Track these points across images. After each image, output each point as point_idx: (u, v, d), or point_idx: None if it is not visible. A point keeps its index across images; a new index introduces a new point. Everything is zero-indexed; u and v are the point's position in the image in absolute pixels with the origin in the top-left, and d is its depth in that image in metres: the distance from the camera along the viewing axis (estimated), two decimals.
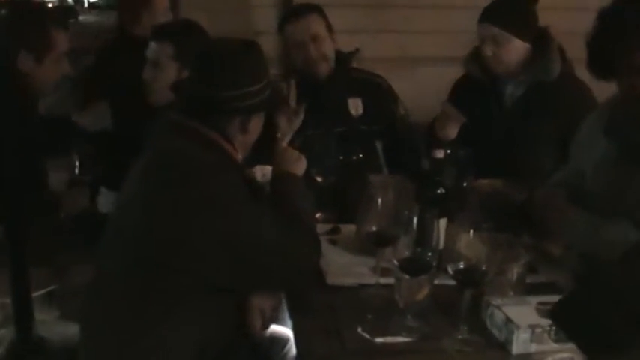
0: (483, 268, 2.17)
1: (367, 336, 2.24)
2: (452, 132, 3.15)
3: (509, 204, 2.79)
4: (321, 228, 2.75)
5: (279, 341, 2.68)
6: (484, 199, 2.80)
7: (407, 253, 2.21)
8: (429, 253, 2.22)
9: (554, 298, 1.87)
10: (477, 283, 2.19)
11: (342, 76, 3.43)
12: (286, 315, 2.47)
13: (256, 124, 2.31)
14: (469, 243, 2.19)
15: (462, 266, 2.18)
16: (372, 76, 3.55)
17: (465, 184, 2.80)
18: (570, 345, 1.93)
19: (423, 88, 3.88)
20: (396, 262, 2.24)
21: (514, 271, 2.41)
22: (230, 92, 2.21)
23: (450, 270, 2.18)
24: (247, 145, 2.32)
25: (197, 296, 2.12)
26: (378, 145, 3.47)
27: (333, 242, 2.80)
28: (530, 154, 3.22)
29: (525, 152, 3.22)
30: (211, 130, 2.23)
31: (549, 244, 2.74)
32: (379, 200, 2.35)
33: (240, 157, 2.32)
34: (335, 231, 2.89)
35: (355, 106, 3.42)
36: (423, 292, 2.28)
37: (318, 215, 2.85)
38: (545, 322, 2.20)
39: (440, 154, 2.45)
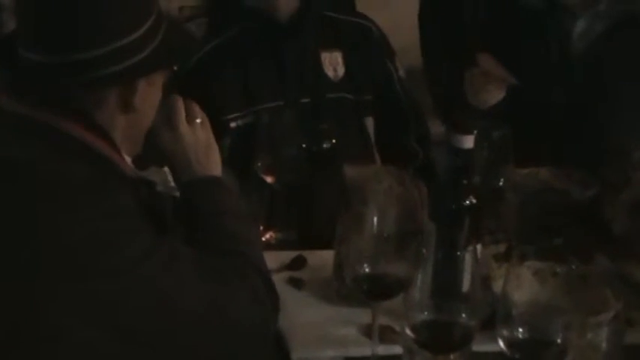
0: (558, 341, 1.63)
1: None
2: (493, 96, 2.56)
3: (569, 206, 2.26)
4: (274, 259, 2.15)
5: None
6: (526, 201, 2.27)
7: (424, 314, 1.65)
8: (463, 313, 1.64)
9: None
10: None
11: (312, 18, 2.75)
12: None
13: (150, 96, 1.77)
14: (525, 285, 1.67)
15: (520, 335, 1.63)
16: (357, 19, 2.88)
17: (500, 183, 2.23)
18: None
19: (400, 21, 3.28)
20: (409, 332, 1.67)
21: (603, 333, 1.81)
22: (89, 52, 1.66)
23: (503, 344, 1.64)
24: (139, 132, 1.80)
25: None
26: (368, 125, 2.79)
27: (297, 284, 2.15)
28: (612, 129, 2.65)
29: (602, 126, 2.65)
30: (71, 121, 1.67)
31: None
32: (372, 217, 1.76)
33: (127, 158, 1.78)
34: (298, 264, 2.22)
35: (333, 65, 2.76)
36: None
37: (268, 236, 2.31)
38: None
39: (467, 142, 1.84)
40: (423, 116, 2.88)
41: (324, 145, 2.41)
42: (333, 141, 2.39)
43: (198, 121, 1.84)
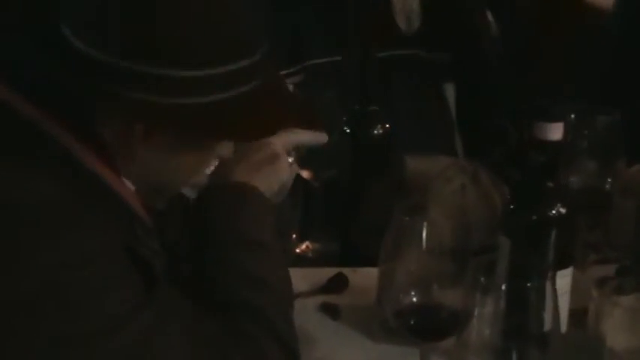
0: None
1: None
2: None
3: None
4: (308, 278, 1.84)
5: None
6: None
7: None
8: None
9: None
10: None
11: None
12: None
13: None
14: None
15: None
16: None
17: (607, 185, 1.89)
18: None
19: None
20: None
21: None
22: (175, 70, 1.34)
23: None
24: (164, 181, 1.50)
25: None
26: (448, 93, 2.41)
27: (333, 313, 1.78)
28: None
29: None
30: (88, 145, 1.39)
31: None
32: (429, 226, 1.44)
33: (130, 185, 1.46)
34: (337, 285, 1.87)
35: (407, 12, 2.32)
36: None
37: (303, 247, 2.00)
38: None
39: (555, 131, 1.52)
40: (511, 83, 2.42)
41: (375, 131, 2.03)
42: (387, 125, 2.03)
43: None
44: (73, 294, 1.29)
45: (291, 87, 2.20)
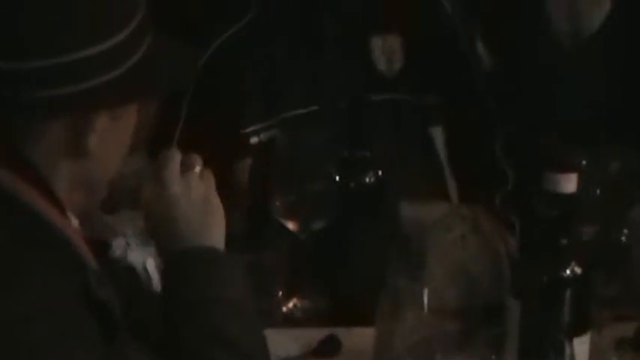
0: None
1: None
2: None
3: None
4: (296, 339, 1.73)
5: None
6: None
7: None
8: None
9: None
10: None
11: None
12: None
13: (114, 135, 1.38)
14: None
15: None
16: None
17: (623, 237, 1.78)
18: None
19: None
20: None
21: None
22: (31, 61, 1.29)
23: None
24: (95, 181, 1.39)
25: None
26: (436, 137, 2.31)
27: None
28: None
29: None
30: None
31: None
32: (429, 283, 1.48)
33: (74, 220, 1.36)
34: (329, 348, 1.76)
35: (388, 52, 2.22)
36: None
37: (290, 305, 1.88)
38: None
39: (568, 183, 1.44)
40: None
41: (367, 179, 1.94)
42: (379, 173, 1.93)
43: (196, 169, 1.44)
44: (26, 350, 1.19)
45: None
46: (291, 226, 1.83)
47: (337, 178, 1.89)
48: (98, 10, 1.30)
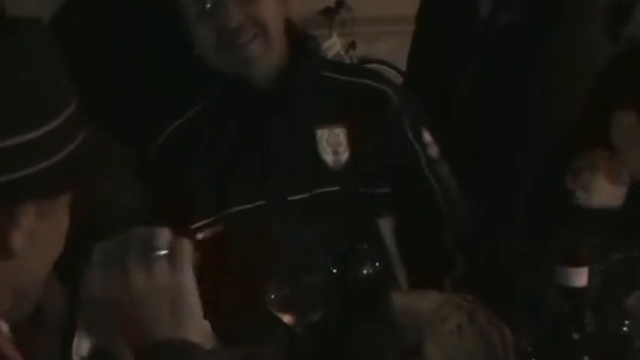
0: None
1: None
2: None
3: None
4: None
5: None
6: None
7: None
8: None
9: None
10: None
11: (304, 80, 2.21)
12: None
13: (40, 235, 1.28)
14: None
15: None
16: (367, 80, 2.31)
17: (625, 328, 1.71)
18: None
19: None
20: None
21: None
22: None
23: None
24: (20, 286, 1.30)
25: None
26: (383, 229, 2.28)
27: None
28: None
29: None
30: None
31: None
32: None
33: (3, 326, 1.27)
34: None
35: (333, 145, 2.20)
36: None
37: None
38: None
39: (580, 277, 1.45)
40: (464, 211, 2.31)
41: (365, 270, 1.89)
42: (377, 264, 1.88)
43: (161, 253, 1.33)
44: None
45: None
46: (287, 319, 1.79)
47: (334, 270, 1.86)
48: (33, 94, 1.23)
